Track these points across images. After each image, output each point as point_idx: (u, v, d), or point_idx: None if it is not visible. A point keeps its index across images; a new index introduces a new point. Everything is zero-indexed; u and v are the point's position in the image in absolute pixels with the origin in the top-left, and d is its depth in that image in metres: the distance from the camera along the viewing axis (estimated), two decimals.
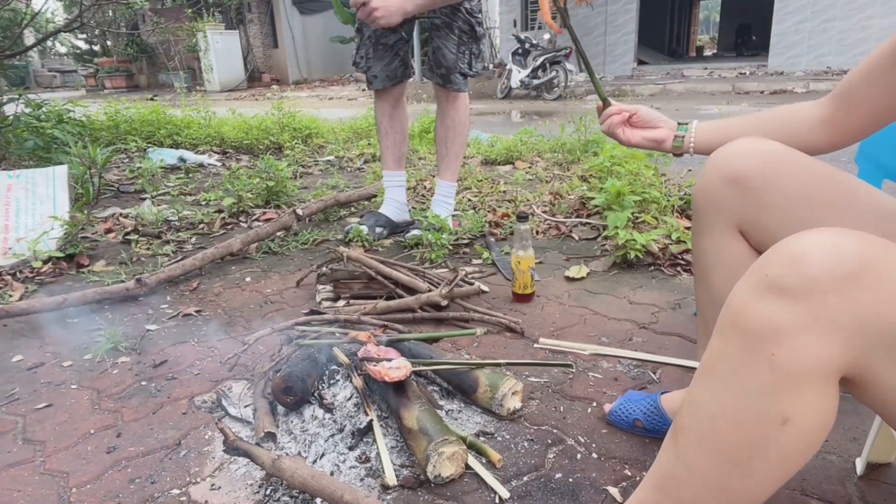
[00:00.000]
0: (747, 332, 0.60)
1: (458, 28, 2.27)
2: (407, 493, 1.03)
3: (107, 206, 3.11)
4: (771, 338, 0.58)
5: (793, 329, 0.57)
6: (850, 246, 0.57)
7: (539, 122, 6.48)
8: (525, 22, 14.27)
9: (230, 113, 5.66)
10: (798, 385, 0.58)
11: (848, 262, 0.56)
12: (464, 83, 2.37)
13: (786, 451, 0.61)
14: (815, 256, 0.57)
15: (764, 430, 0.60)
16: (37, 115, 3.75)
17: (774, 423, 0.59)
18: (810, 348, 0.57)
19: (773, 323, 0.58)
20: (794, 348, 0.57)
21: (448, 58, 2.29)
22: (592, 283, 1.97)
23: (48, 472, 1.14)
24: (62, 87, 20.39)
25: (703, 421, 0.65)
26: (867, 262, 0.56)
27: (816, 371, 0.57)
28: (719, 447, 0.63)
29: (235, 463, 1.13)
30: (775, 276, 0.59)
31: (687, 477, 0.67)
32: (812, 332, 0.57)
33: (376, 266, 1.85)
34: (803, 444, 0.61)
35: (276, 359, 1.38)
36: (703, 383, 0.66)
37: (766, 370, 0.59)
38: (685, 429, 0.67)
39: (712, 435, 0.64)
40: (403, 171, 2.59)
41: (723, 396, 0.63)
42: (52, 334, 1.73)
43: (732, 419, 0.62)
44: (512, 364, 1.43)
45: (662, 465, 0.71)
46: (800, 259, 0.58)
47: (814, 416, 0.59)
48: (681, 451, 0.68)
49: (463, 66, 2.32)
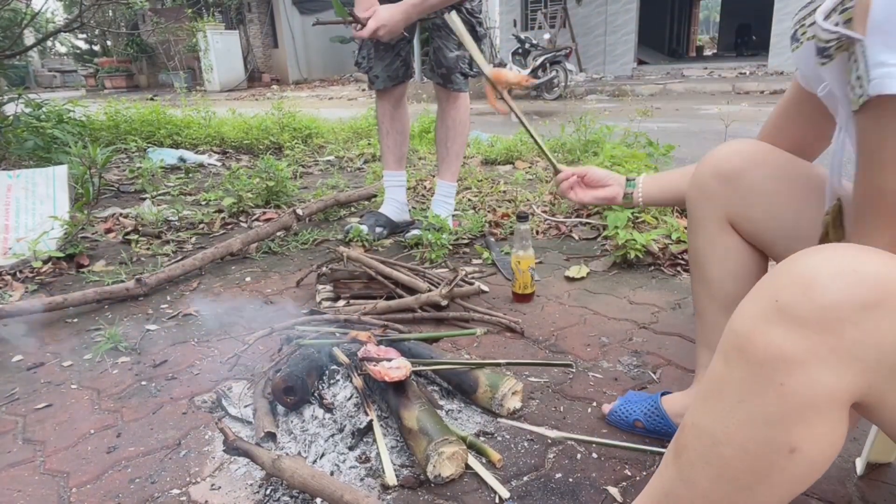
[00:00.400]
0: (755, 359, 0.57)
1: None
2: (407, 493, 1.03)
3: (107, 206, 3.11)
4: (781, 367, 0.55)
5: (805, 359, 0.54)
6: (869, 270, 0.54)
7: (539, 122, 6.48)
8: (525, 22, 14.28)
9: (230, 113, 5.66)
10: (808, 416, 0.56)
11: (866, 289, 0.53)
12: (464, 83, 2.37)
13: (792, 478, 0.59)
14: (830, 283, 0.54)
15: (770, 458, 0.58)
16: (37, 115, 3.75)
17: (782, 451, 0.58)
18: (824, 380, 0.54)
19: (784, 353, 0.55)
20: (806, 379, 0.54)
21: (449, 58, 2.29)
22: (592, 283, 1.97)
23: (48, 472, 1.14)
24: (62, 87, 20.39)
25: (707, 444, 0.63)
26: (887, 289, 0.53)
27: (828, 402, 0.55)
28: (723, 472, 0.62)
29: (235, 463, 1.13)
30: (786, 303, 0.55)
31: (688, 496, 0.66)
32: (826, 363, 0.54)
33: (376, 266, 1.85)
34: (811, 471, 0.59)
35: (276, 359, 1.38)
36: (706, 407, 0.64)
37: (774, 400, 0.56)
38: (688, 449, 0.66)
39: (717, 460, 0.62)
40: (404, 171, 2.59)
41: (727, 422, 0.61)
42: (52, 334, 1.74)
43: (738, 446, 0.60)
44: (512, 364, 1.43)
45: (664, 482, 0.70)
46: (813, 285, 0.54)
47: (823, 445, 0.57)
48: (683, 470, 0.66)
49: (463, 66, 2.33)
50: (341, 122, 5.45)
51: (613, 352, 1.52)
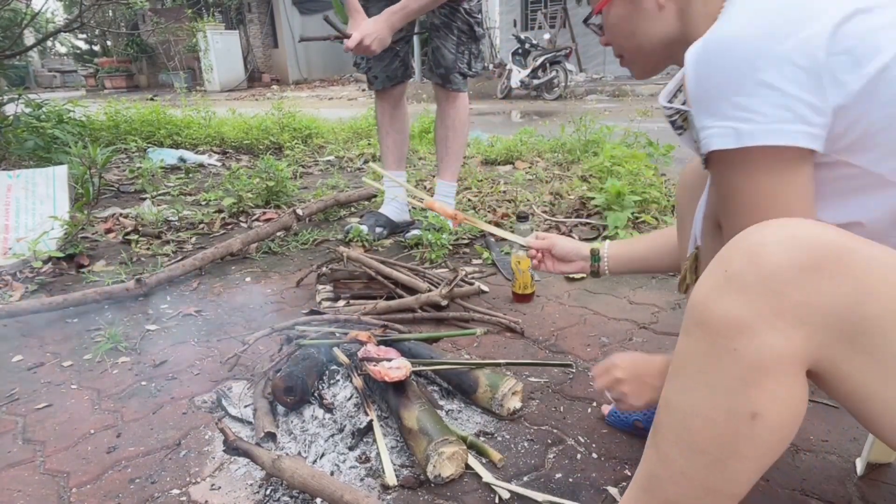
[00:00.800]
0: (710, 329, 0.61)
1: (458, 28, 2.27)
2: (407, 493, 1.03)
3: (107, 206, 3.11)
4: (733, 334, 0.59)
5: (754, 324, 0.58)
6: (810, 237, 0.57)
7: (539, 122, 6.49)
8: (525, 22, 14.27)
9: (230, 113, 5.65)
10: (763, 379, 0.58)
11: (806, 253, 0.56)
12: (463, 83, 2.37)
13: (759, 446, 0.61)
14: (773, 249, 0.57)
15: (735, 426, 0.61)
16: (37, 115, 3.75)
17: (744, 418, 0.60)
18: (772, 342, 0.57)
19: (735, 319, 0.58)
20: (757, 343, 0.58)
21: (447, 58, 2.29)
22: (592, 283, 1.97)
23: (48, 472, 1.14)
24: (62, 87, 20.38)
25: (678, 420, 0.66)
26: (826, 254, 0.56)
27: (780, 364, 0.58)
28: (695, 446, 0.64)
29: (235, 463, 1.13)
30: (734, 272, 0.59)
31: (669, 476, 0.68)
32: (773, 326, 0.57)
33: (376, 266, 1.85)
34: (775, 437, 0.61)
35: (276, 359, 1.38)
36: (674, 382, 0.67)
37: (730, 366, 0.59)
38: (662, 426, 0.68)
39: (687, 434, 0.65)
40: (404, 171, 2.59)
41: (693, 395, 0.64)
42: (52, 334, 1.74)
43: (704, 417, 0.63)
44: (512, 364, 1.43)
45: (646, 465, 0.72)
46: (759, 253, 0.58)
47: (782, 409, 0.60)
48: (660, 449, 0.69)
49: (462, 66, 2.33)
50: (341, 122, 5.45)
51: (613, 352, 1.50)
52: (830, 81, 0.64)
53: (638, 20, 0.87)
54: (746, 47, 0.66)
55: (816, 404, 1.25)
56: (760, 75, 0.65)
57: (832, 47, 0.63)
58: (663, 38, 0.86)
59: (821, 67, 0.63)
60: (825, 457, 1.09)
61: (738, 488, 0.65)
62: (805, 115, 0.64)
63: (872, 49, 0.63)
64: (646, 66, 0.93)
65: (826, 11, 0.65)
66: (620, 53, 0.94)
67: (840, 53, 0.63)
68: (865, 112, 0.64)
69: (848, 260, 0.56)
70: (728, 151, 0.68)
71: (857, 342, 0.56)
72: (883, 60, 0.63)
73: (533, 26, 13.76)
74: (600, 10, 0.91)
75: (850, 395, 0.59)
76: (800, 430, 1.17)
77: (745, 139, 0.66)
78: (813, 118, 0.64)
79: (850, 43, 0.63)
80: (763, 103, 0.65)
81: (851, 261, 0.56)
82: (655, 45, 0.87)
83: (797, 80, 0.64)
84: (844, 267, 0.56)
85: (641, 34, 0.88)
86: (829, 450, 1.11)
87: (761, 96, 0.65)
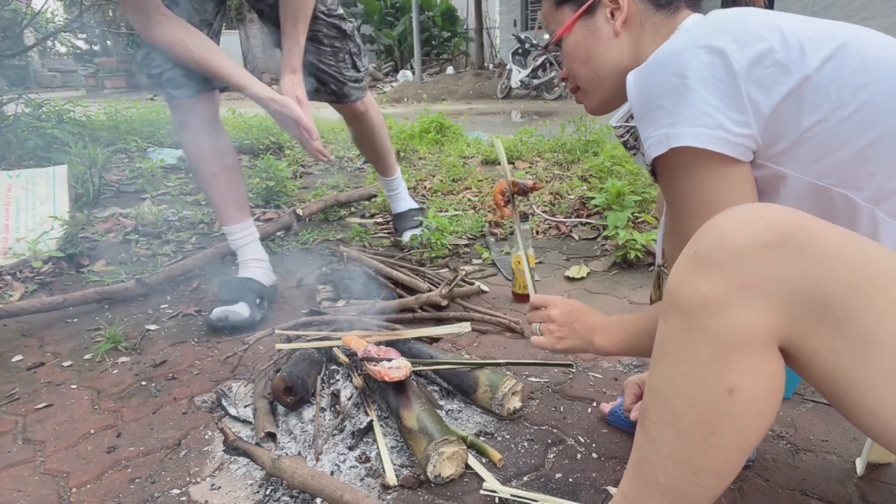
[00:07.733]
0: (684, 309, 0.63)
1: (325, 35, 1.93)
2: (407, 493, 1.03)
3: (107, 206, 3.11)
4: (705, 312, 0.61)
5: (723, 300, 0.60)
6: (773, 217, 0.60)
7: (539, 122, 6.48)
8: (525, 22, 14.27)
9: (230, 113, 5.65)
10: (736, 354, 0.60)
11: (770, 231, 0.59)
12: (360, 90, 2.06)
13: (739, 423, 0.63)
14: (739, 229, 0.60)
15: (714, 403, 0.62)
16: (37, 114, 3.75)
17: (722, 394, 0.62)
18: (741, 317, 0.59)
19: (705, 297, 0.61)
20: (728, 319, 0.60)
21: (329, 72, 1.97)
22: (592, 283, 1.97)
23: (48, 472, 1.14)
24: (62, 87, 20.37)
25: (662, 402, 0.67)
26: (789, 232, 0.59)
27: (751, 338, 0.60)
28: (679, 427, 0.66)
29: (235, 463, 1.13)
30: (703, 251, 0.62)
31: (658, 460, 0.69)
32: (743, 301, 0.59)
33: (376, 266, 1.85)
34: (755, 413, 0.63)
35: (276, 359, 1.38)
36: (656, 366, 0.69)
37: (705, 344, 0.62)
38: (648, 411, 0.70)
39: (672, 416, 0.66)
40: (250, 219, 1.91)
41: (674, 376, 0.66)
42: (52, 334, 1.74)
43: (686, 397, 0.64)
44: (512, 364, 1.43)
45: (636, 452, 0.73)
46: (725, 232, 0.61)
47: (759, 382, 0.61)
48: (648, 433, 0.70)
49: (349, 73, 2.00)
50: (341, 122, 5.44)
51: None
52: (749, 100, 0.71)
53: (595, 46, 0.92)
54: (679, 60, 0.74)
55: (816, 404, 1.25)
56: (689, 83, 0.72)
57: (752, 71, 0.71)
58: (617, 65, 0.91)
59: (741, 85, 0.71)
60: (825, 457, 1.09)
61: (725, 467, 0.66)
62: (723, 122, 0.71)
63: (784, 73, 0.71)
64: (601, 96, 0.96)
65: (763, 38, 0.72)
66: (577, 84, 0.98)
67: (755, 80, 0.71)
68: (789, 123, 0.71)
69: (809, 238, 0.58)
70: (667, 157, 0.75)
71: (826, 320, 0.57)
72: (803, 73, 0.70)
73: (533, 26, 13.76)
74: (560, 37, 0.95)
75: (825, 378, 0.61)
76: (800, 430, 1.17)
77: (672, 141, 0.73)
78: (732, 128, 0.71)
79: (761, 73, 0.71)
80: (688, 109, 0.72)
81: (812, 240, 0.58)
82: (610, 71, 0.92)
83: (719, 93, 0.71)
84: (806, 244, 0.58)
85: (598, 60, 0.92)
86: (829, 450, 1.11)
87: (688, 104, 0.72)
